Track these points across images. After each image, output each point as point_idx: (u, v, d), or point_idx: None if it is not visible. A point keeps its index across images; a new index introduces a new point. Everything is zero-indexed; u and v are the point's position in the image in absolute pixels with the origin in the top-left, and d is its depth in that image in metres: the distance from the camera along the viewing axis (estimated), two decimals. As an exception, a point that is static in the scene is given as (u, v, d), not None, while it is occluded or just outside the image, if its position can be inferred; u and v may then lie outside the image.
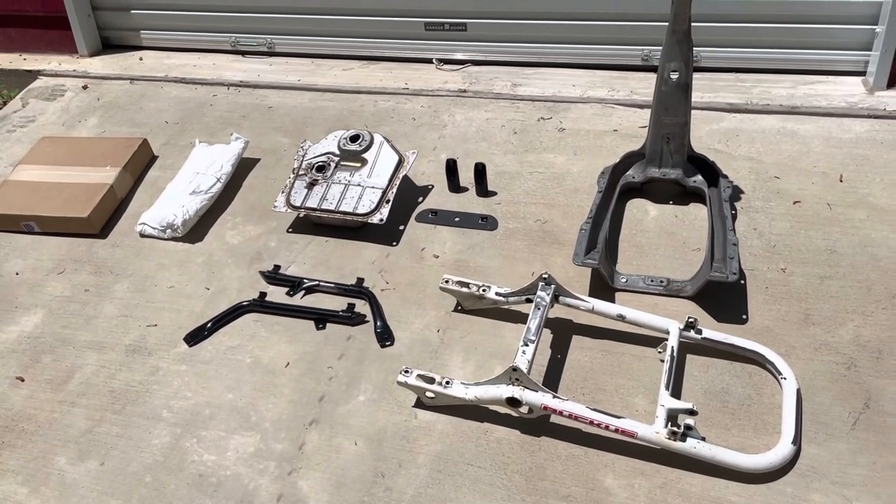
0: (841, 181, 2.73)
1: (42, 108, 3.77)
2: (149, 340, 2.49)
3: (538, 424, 2.08)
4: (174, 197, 2.92)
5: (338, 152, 2.87)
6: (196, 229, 2.88)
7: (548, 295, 2.22)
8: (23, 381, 2.42)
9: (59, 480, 2.13)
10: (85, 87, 3.87)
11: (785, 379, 2.07)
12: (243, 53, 3.99)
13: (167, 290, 2.66)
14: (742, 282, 2.39)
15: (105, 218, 2.97)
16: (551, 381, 2.19)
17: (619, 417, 1.95)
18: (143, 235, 2.89)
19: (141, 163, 3.22)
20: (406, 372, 2.13)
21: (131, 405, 2.30)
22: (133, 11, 4.03)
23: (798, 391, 2.05)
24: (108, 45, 4.19)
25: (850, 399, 2.05)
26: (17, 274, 2.81)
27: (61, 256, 2.86)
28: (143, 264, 2.78)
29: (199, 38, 4.03)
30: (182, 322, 2.53)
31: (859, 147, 2.87)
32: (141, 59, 4.07)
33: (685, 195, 2.72)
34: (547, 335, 2.31)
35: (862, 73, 3.22)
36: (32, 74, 4.04)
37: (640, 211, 2.71)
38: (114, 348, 2.48)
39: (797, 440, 1.95)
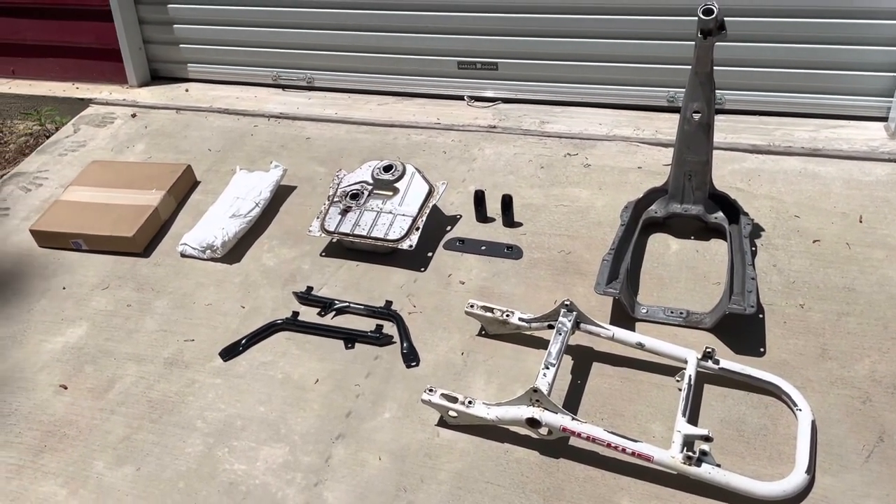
0: (860, 222, 2.78)
1: (92, 133, 3.97)
2: (186, 354, 2.60)
3: (557, 446, 2.14)
4: (215, 220, 3.06)
5: (371, 181, 3.00)
6: (234, 251, 3.01)
7: (569, 321, 2.29)
8: (66, 388, 2.54)
9: (97, 484, 2.23)
10: (133, 116, 4.07)
11: (800, 410, 2.11)
12: (284, 87, 4.17)
13: (205, 307, 2.78)
14: (760, 316, 2.45)
15: (149, 238, 3.11)
16: (571, 405, 2.25)
17: (636, 441, 2.00)
18: (183, 255, 3.02)
19: (184, 187, 3.37)
20: (430, 391, 2.21)
21: (167, 415, 2.40)
22: (181, 46, 4.25)
23: (813, 422, 2.09)
24: (156, 76, 4.40)
25: (865, 432, 2.09)
26: (63, 288, 2.95)
27: (106, 273, 3.00)
28: (183, 282, 2.91)
29: (242, 71, 4.22)
30: (218, 338, 2.64)
31: (879, 190, 2.93)
32: (187, 90, 4.27)
33: (706, 231, 2.79)
34: (567, 361, 2.38)
35: (884, 119, 3.28)
36: (84, 102, 4.26)
37: (661, 245, 2.79)
38: (153, 361, 2.60)
39: (811, 470, 1.98)
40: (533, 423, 2.09)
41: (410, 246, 2.78)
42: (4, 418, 2.46)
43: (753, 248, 2.68)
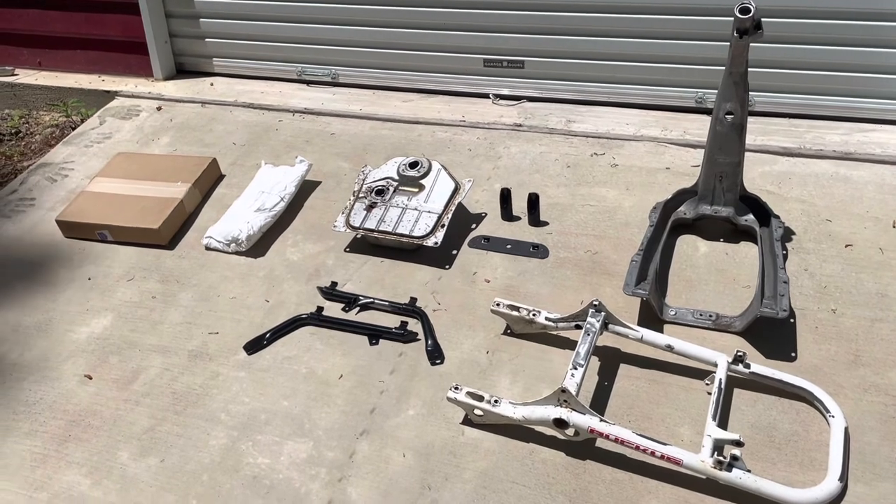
0: (893, 227, 2.73)
1: (118, 126, 3.99)
2: (210, 347, 2.60)
3: (584, 448, 2.12)
4: (239, 213, 3.06)
5: (397, 177, 2.99)
6: (259, 245, 3.00)
7: (598, 321, 2.27)
8: (91, 379, 2.54)
9: (121, 474, 2.23)
10: (159, 109, 4.08)
11: (833, 417, 2.08)
12: (308, 83, 4.17)
13: (229, 300, 2.78)
14: (792, 320, 2.41)
15: (174, 230, 3.12)
16: (598, 407, 2.23)
17: (665, 444, 1.98)
18: (208, 248, 3.02)
19: (209, 180, 3.38)
20: (456, 388, 2.19)
21: (192, 407, 2.40)
22: (207, 40, 4.25)
23: (846, 429, 2.05)
24: (181, 70, 4.42)
25: (900, 441, 2.05)
26: (89, 279, 2.96)
27: (131, 265, 3.01)
28: (208, 275, 2.91)
29: (267, 66, 4.23)
30: (242, 331, 2.64)
31: (913, 195, 2.88)
32: (212, 84, 4.28)
33: (736, 233, 2.75)
34: (594, 362, 2.36)
35: (918, 123, 3.24)
36: (110, 95, 4.28)
37: (690, 247, 2.76)
38: (177, 353, 2.60)
39: (844, 477, 1.95)
40: (560, 423, 2.07)
41: (436, 243, 2.76)
42: (30, 407, 2.47)
43: (784, 252, 2.64)
